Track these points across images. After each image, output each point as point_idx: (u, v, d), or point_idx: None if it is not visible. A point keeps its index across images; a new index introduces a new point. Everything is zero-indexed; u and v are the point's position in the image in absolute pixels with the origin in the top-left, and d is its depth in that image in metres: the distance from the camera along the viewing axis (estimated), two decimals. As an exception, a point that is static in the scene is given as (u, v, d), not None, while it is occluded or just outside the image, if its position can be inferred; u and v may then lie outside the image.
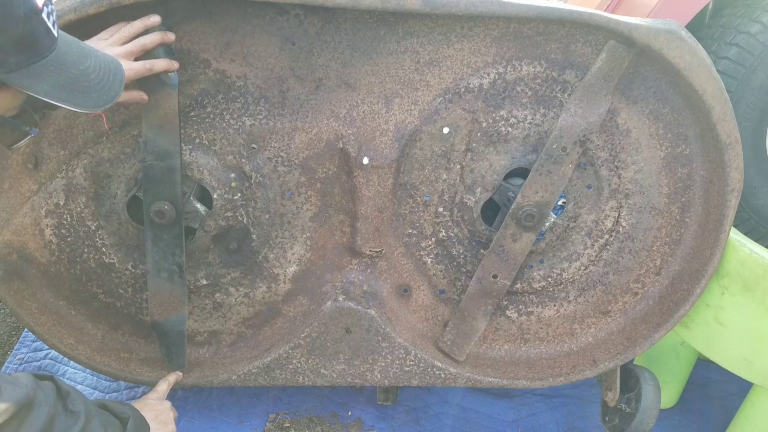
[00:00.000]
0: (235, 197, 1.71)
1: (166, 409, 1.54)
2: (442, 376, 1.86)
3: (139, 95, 1.47)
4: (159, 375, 1.80)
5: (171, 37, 1.46)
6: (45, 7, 0.99)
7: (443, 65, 1.61)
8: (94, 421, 1.23)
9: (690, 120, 1.65)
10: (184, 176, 1.65)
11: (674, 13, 2.31)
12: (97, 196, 1.70)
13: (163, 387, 1.65)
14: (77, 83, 1.09)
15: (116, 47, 1.37)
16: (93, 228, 1.74)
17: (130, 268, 1.78)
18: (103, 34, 1.41)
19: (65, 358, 2.27)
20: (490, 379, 1.87)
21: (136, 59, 1.40)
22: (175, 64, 1.47)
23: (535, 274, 1.84)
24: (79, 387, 2.20)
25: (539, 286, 1.86)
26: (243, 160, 1.68)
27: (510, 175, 1.73)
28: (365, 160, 1.66)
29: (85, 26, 1.42)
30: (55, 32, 1.03)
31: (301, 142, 1.67)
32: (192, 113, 1.63)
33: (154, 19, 1.43)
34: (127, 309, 1.85)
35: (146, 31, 1.43)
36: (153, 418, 1.47)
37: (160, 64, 1.44)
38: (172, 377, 1.73)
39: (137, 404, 1.49)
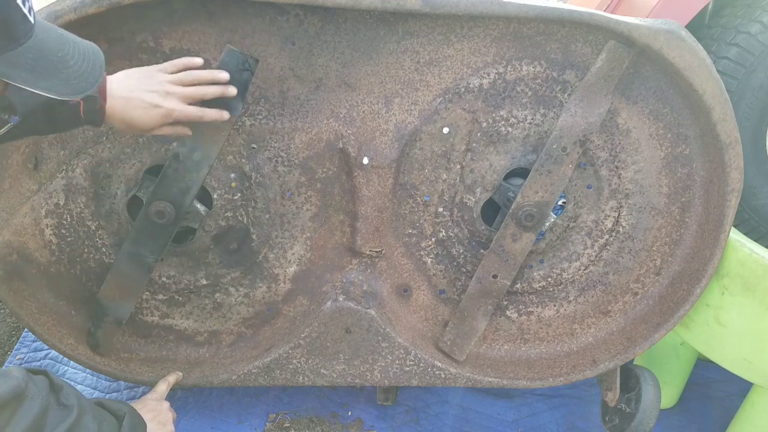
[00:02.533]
0: (235, 197, 1.71)
1: (164, 410, 1.54)
2: (442, 376, 1.86)
3: (183, 130, 1.47)
4: (159, 375, 1.80)
5: (232, 92, 1.44)
6: None
7: (443, 65, 1.61)
8: (87, 416, 1.23)
9: (690, 120, 1.65)
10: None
11: (674, 13, 2.30)
12: (97, 196, 1.70)
13: (162, 387, 1.65)
14: (56, 70, 1.07)
15: (176, 86, 1.38)
16: (93, 228, 1.74)
17: (130, 268, 1.79)
18: (168, 66, 1.41)
19: (65, 358, 2.27)
20: (490, 379, 1.87)
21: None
22: (231, 91, 1.45)
23: (535, 274, 1.84)
24: (79, 387, 2.20)
25: (539, 286, 1.86)
26: (243, 160, 1.68)
27: (510, 175, 1.73)
28: (365, 160, 1.66)
29: (85, 26, 1.42)
30: (31, 18, 1.01)
31: (301, 142, 1.67)
32: (192, 113, 1.63)
33: (223, 75, 1.43)
34: (127, 309, 1.85)
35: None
36: (152, 419, 1.46)
37: (211, 114, 1.44)
38: (172, 378, 1.73)
39: (135, 404, 1.49)
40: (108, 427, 1.28)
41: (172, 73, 1.40)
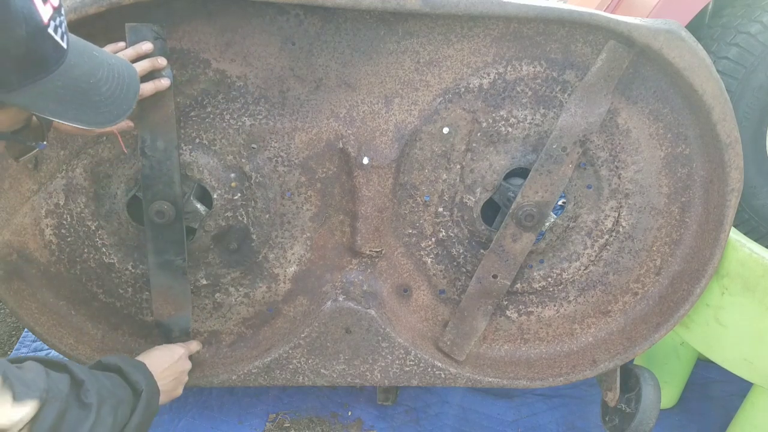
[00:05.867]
0: (235, 197, 1.71)
1: (178, 372, 1.56)
2: (442, 376, 1.86)
3: (125, 124, 1.47)
4: (159, 375, 1.79)
5: (162, 63, 1.44)
6: (52, 21, 0.90)
7: (443, 65, 1.61)
8: (105, 407, 1.21)
9: (690, 120, 1.65)
10: (184, 176, 1.66)
11: (674, 13, 2.31)
12: (97, 196, 1.70)
13: (181, 350, 1.65)
14: (86, 98, 1.00)
15: None
16: (93, 228, 1.74)
17: (130, 268, 1.78)
18: None
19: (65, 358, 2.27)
20: (490, 379, 1.87)
21: None
22: (161, 62, 1.45)
23: (535, 274, 1.84)
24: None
25: (539, 286, 1.86)
26: (243, 160, 1.68)
27: (510, 175, 1.73)
28: (365, 160, 1.66)
29: (85, 26, 1.42)
30: (64, 44, 0.94)
31: (301, 142, 1.67)
32: (192, 113, 1.63)
33: (147, 46, 1.42)
34: (127, 309, 1.85)
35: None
36: (164, 386, 1.47)
37: (148, 87, 1.43)
38: (194, 345, 1.73)
39: (153, 360, 1.50)
40: (122, 412, 1.27)
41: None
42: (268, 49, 1.58)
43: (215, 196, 1.70)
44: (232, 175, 1.69)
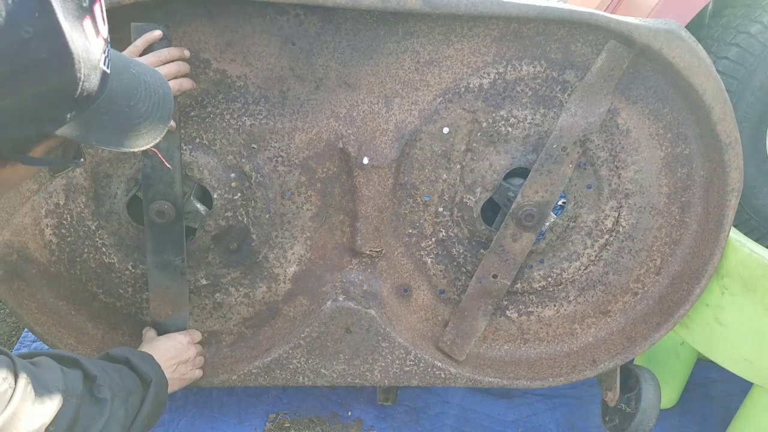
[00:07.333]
0: (235, 197, 1.71)
1: (184, 361, 1.60)
2: (442, 376, 1.86)
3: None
4: (159, 375, 1.80)
5: (186, 68, 1.48)
6: (103, 54, 0.87)
7: (443, 65, 1.61)
8: (117, 401, 1.23)
9: (690, 120, 1.65)
10: (185, 176, 1.66)
11: (674, 13, 2.31)
12: (97, 196, 1.70)
13: (185, 339, 1.67)
14: (128, 122, 0.98)
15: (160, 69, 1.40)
16: (93, 228, 1.74)
17: (130, 268, 1.78)
18: (134, 50, 1.42)
19: (65, 358, 2.27)
20: (490, 379, 1.87)
21: None
22: (184, 67, 1.49)
23: (535, 274, 1.84)
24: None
25: (539, 286, 1.86)
26: (243, 160, 1.68)
27: (510, 175, 1.73)
28: (365, 160, 1.66)
29: (85, 26, 1.42)
30: (108, 70, 0.91)
31: (301, 142, 1.67)
32: (192, 113, 1.63)
33: (186, 52, 1.49)
34: (127, 309, 1.85)
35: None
36: (171, 374, 1.52)
37: (186, 84, 1.48)
38: (196, 334, 1.75)
39: (158, 350, 1.54)
40: (132, 404, 1.29)
41: (140, 55, 1.41)
42: (268, 49, 1.58)
43: (215, 196, 1.70)
44: (232, 175, 1.69)
